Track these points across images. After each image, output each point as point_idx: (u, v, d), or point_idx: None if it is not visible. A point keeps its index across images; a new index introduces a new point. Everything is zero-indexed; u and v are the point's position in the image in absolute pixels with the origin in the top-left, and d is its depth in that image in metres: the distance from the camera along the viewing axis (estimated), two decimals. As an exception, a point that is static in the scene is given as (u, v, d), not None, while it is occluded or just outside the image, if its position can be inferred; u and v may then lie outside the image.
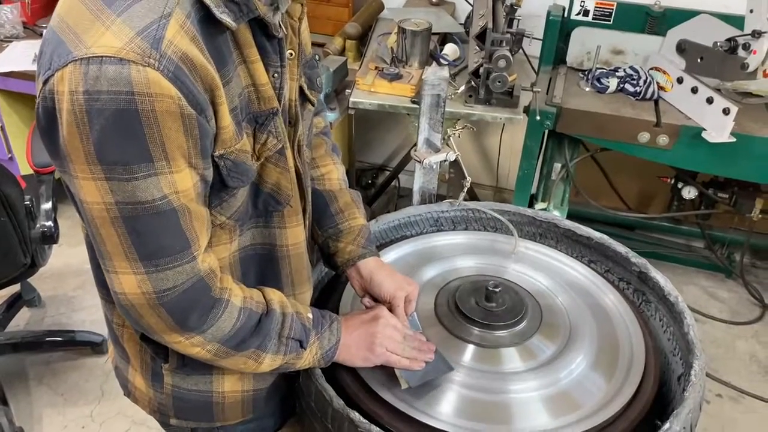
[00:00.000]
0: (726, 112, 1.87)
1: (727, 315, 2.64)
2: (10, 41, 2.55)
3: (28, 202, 1.94)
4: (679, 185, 2.47)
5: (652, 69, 2.15)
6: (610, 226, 2.69)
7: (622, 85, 2.13)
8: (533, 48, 2.35)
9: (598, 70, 2.17)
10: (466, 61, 2.23)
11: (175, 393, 1.03)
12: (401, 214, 1.45)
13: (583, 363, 1.08)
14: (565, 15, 2.24)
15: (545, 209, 2.25)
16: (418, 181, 1.49)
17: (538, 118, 2.05)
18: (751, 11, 1.87)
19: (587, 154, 2.33)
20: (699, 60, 2.03)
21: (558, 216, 1.45)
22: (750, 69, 1.86)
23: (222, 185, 0.85)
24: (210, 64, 0.75)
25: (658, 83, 2.12)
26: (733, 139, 1.90)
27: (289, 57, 0.89)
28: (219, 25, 0.77)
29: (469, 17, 2.42)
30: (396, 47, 2.24)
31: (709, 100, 1.93)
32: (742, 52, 1.89)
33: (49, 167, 1.99)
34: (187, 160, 0.77)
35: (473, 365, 1.07)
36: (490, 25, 1.92)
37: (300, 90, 0.96)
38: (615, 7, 2.24)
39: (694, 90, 1.99)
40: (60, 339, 2.36)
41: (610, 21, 2.26)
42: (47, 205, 2.02)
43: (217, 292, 0.87)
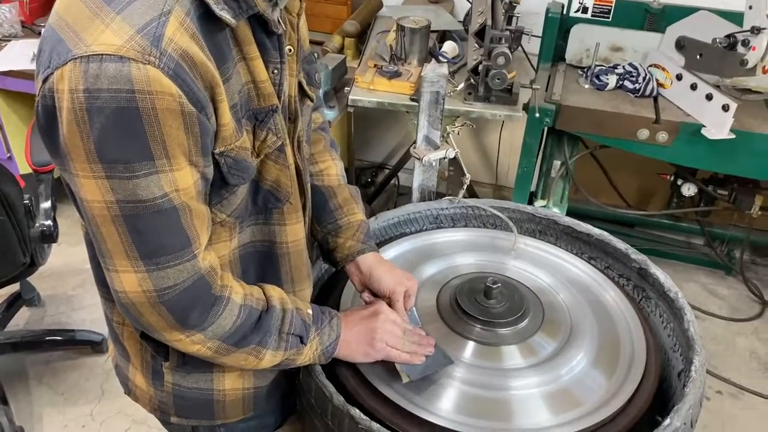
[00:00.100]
0: (725, 108, 1.87)
1: (727, 312, 2.64)
2: (9, 40, 2.54)
3: (27, 201, 1.93)
4: (679, 182, 2.47)
5: (651, 66, 2.15)
6: (610, 223, 2.68)
7: (621, 82, 2.13)
8: (532, 45, 2.35)
9: (597, 67, 2.17)
10: (465, 58, 2.22)
11: (176, 391, 1.03)
12: (401, 212, 1.45)
13: (584, 360, 1.09)
14: (564, 12, 2.23)
15: (545, 206, 2.24)
16: (417, 178, 1.48)
17: (537, 115, 2.05)
18: (750, 7, 1.87)
19: (587, 151, 2.33)
20: (698, 57, 2.03)
21: (558, 213, 1.45)
22: (749, 65, 1.85)
23: (222, 183, 0.85)
24: (210, 61, 0.75)
25: (657, 80, 2.12)
26: (733, 136, 1.90)
27: (288, 53, 0.89)
28: (219, 22, 0.77)
29: (468, 14, 2.42)
30: (395, 45, 2.24)
31: (709, 97, 1.93)
32: (741, 49, 1.88)
33: (48, 166, 1.99)
34: (188, 158, 0.77)
35: (474, 362, 1.07)
36: (489, 22, 1.92)
37: (299, 86, 0.96)
38: (614, 4, 2.24)
39: (694, 87, 1.99)
40: (60, 338, 2.36)
41: (609, 18, 2.26)
42: (46, 204, 2.02)
43: (217, 289, 0.87)
